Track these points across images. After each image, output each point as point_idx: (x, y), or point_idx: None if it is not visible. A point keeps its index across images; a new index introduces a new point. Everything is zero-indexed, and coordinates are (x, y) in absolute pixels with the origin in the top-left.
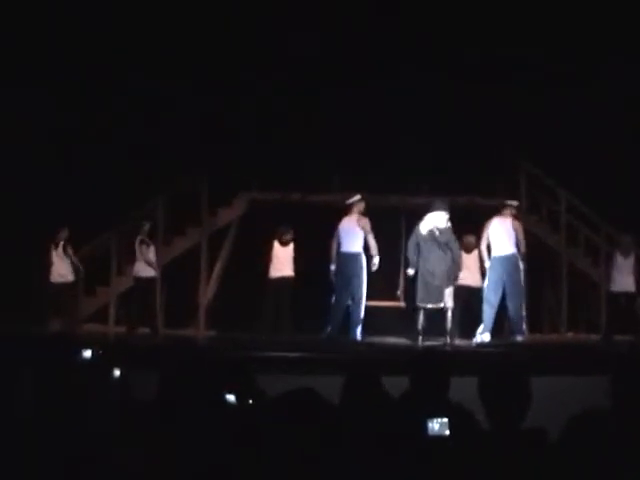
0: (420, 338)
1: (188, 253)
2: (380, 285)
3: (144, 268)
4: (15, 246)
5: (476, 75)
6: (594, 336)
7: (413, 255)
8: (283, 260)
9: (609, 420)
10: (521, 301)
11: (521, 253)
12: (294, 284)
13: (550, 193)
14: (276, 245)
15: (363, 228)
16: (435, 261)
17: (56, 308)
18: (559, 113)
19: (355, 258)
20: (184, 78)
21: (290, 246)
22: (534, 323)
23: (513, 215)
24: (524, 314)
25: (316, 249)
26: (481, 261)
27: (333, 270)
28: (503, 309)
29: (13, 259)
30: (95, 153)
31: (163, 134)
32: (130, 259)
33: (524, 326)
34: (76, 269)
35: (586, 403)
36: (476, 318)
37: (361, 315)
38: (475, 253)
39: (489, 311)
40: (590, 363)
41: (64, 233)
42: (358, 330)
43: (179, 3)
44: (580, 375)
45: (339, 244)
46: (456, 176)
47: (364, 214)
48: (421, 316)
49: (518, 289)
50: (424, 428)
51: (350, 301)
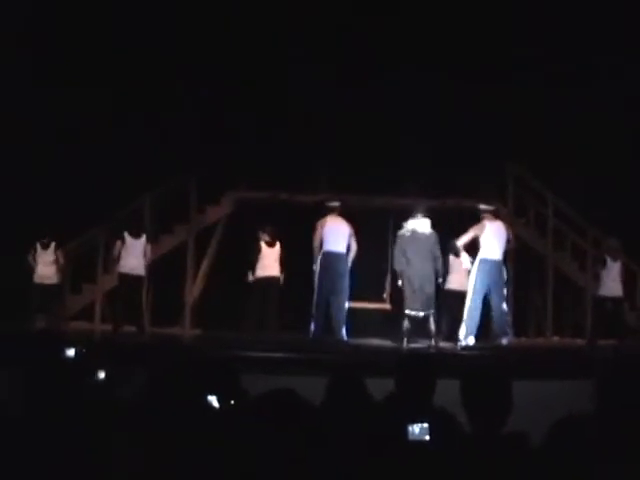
0: (405, 341)
1: (175, 251)
2: (366, 287)
3: (126, 264)
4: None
5: (464, 77)
6: (580, 340)
7: (399, 262)
8: (269, 260)
9: (592, 424)
10: (505, 305)
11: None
12: (280, 284)
13: (537, 196)
14: (263, 245)
15: (350, 229)
16: (421, 267)
17: (40, 307)
18: (547, 115)
19: (341, 258)
20: (175, 77)
21: (277, 246)
22: (520, 327)
23: (496, 217)
24: (508, 317)
25: (303, 249)
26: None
27: (316, 269)
28: (488, 313)
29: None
30: (83, 152)
31: (152, 132)
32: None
33: (509, 329)
34: (62, 272)
35: (570, 407)
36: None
37: (345, 315)
38: (463, 257)
39: (473, 314)
40: (574, 367)
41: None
42: (343, 330)
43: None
44: (564, 379)
45: (323, 243)
46: (444, 178)
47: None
48: (407, 319)
49: (502, 293)
50: (404, 432)
51: (334, 301)
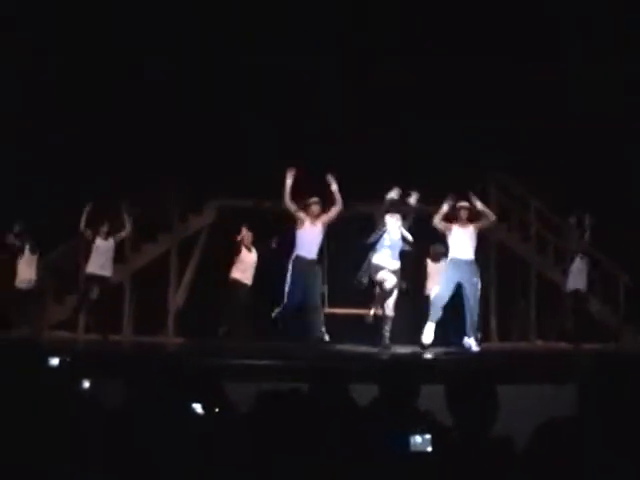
0: (386, 346)
1: (159, 259)
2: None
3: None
4: None
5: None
6: (563, 344)
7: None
8: (247, 264)
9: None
10: (477, 307)
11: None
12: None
13: (520, 202)
14: (243, 249)
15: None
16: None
17: (21, 314)
18: (529, 120)
19: (314, 264)
20: (159, 83)
21: (253, 252)
22: (504, 331)
23: (468, 218)
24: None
25: (283, 257)
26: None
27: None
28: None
29: None
30: (65, 156)
31: (136, 140)
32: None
33: (478, 333)
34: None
35: (553, 411)
36: (442, 325)
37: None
38: (442, 263)
39: (436, 311)
40: (558, 371)
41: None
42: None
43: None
44: (548, 383)
45: (296, 247)
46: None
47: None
48: (388, 324)
49: (476, 295)
50: (406, 443)
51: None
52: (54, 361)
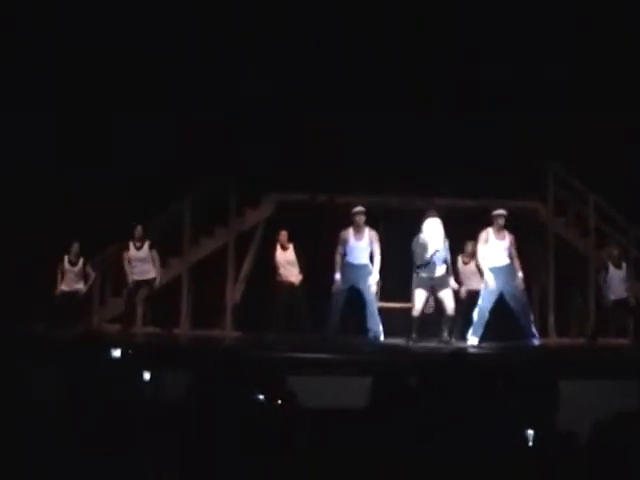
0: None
1: (216, 253)
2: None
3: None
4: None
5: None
6: (623, 340)
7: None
8: (281, 264)
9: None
10: (526, 306)
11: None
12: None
13: (578, 195)
14: (278, 249)
15: (371, 241)
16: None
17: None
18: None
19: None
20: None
21: (289, 250)
22: (562, 327)
23: (502, 225)
24: (532, 318)
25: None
26: (480, 270)
27: (338, 279)
28: (511, 316)
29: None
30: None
31: (190, 135)
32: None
33: (534, 330)
34: (86, 278)
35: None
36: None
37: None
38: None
39: (479, 316)
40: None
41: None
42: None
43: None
44: (609, 379)
45: (345, 254)
46: (481, 178)
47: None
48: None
49: (519, 296)
50: (525, 438)
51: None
52: (116, 352)
